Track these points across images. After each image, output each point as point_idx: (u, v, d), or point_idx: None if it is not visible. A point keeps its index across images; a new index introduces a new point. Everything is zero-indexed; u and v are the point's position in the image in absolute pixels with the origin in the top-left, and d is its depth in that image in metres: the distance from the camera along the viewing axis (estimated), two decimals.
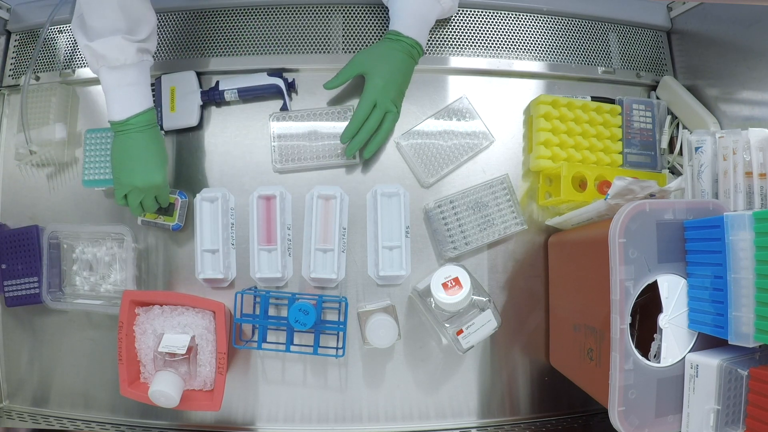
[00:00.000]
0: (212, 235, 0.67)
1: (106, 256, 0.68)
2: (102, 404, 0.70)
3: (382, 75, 0.64)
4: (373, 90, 0.64)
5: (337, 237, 0.67)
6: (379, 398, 0.69)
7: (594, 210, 0.59)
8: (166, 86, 0.69)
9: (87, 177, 0.68)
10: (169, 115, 0.68)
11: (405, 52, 0.64)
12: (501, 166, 0.71)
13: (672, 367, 0.48)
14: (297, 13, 0.72)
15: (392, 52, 0.64)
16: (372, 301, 0.68)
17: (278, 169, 0.69)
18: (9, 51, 0.75)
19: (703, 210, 0.49)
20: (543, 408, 0.71)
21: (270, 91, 0.69)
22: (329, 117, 0.71)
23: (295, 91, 0.71)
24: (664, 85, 0.73)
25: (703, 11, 0.71)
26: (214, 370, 0.63)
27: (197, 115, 0.68)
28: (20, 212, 0.72)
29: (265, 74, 0.69)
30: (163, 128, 0.68)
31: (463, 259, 0.69)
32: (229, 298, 0.67)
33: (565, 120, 0.68)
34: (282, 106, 0.69)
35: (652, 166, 0.71)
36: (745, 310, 0.43)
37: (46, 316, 0.70)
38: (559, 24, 0.75)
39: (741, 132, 0.53)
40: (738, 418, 0.44)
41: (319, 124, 0.70)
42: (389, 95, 0.65)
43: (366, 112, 0.64)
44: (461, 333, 0.57)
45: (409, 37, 0.64)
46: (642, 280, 0.48)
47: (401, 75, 0.65)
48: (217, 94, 0.68)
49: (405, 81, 0.67)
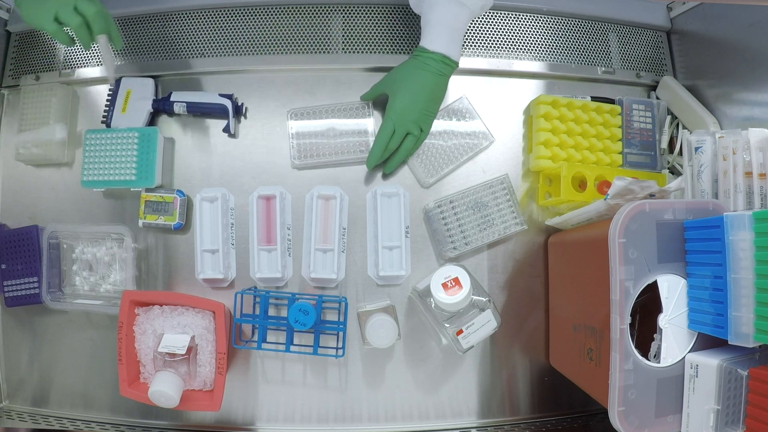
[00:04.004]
0: (212, 235, 0.67)
1: (106, 256, 0.68)
2: (102, 404, 0.70)
3: (402, 97, 0.63)
4: (392, 114, 0.64)
5: (337, 237, 0.67)
6: (379, 398, 0.69)
7: (594, 210, 0.59)
8: (124, 88, 0.70)
9: (86, 177, 0.68)
10: (119, 115, 0.69)
11: (431, 71, 0.63)
12: (501, 166, 0.71)
13: (672, 367, 0.48)
14: (297, 13, 0.72)
15: (416, 71, 0.63)
16: (372, 301, 0.68)
17: (297, 165, 0.70)
18: (9, 51, 0.75)
19: (703, 210, 0.49)
20: (543, 408, 0.71)
21: (217, 110, 0.69)
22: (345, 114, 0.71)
23: (244, 116, 0.71)
24: (664, 85, 0.73)
25: (703, 11, 0.70)
26: (214, 370, 0.63)
27: (144, 120, 0.69)
28: (20, 212, 0.72)
29: (216, 93, 0.69)
30: (110, 126, 0.69)
31: (463, 259, 0.69)
32: (229, 298, 0.67)
33: (565, 120, 0.68)
34: (224, 127, 0.69)
35: (652, 166, 0.71)
36: (745, 310, 0.43)
37: (46, 316, 0.70)
38: (559, 24, 0.75)
39: (741, 132, 0.53)
40: (738, 418, 0.44)
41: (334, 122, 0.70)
42: (409, 117, 0.64)
43: (386, 136, 0.65)
44: (461, 333, 0.57)
45: (435, 52, 0.62)
46: (642, 280, 0.48)
47: (426, 94, 0.64)
48: (167, 104, 0.69)
49: (432, 100, 0.65)
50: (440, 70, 0.63)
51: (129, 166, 0.67)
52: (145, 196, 0.68)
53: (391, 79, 0.65)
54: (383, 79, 0.67)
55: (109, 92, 0.70)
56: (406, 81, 0.63)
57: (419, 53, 0.63)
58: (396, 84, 0.64)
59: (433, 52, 0.63)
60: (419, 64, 0.63)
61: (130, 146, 0.67)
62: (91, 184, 0.68)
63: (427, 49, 0.63)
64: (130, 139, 0.67)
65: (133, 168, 0.67)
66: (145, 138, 0.67)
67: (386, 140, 0.65)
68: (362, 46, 0.72)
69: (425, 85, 0.63)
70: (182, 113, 0.70)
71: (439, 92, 0.66)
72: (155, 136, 0.67)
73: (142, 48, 0.73)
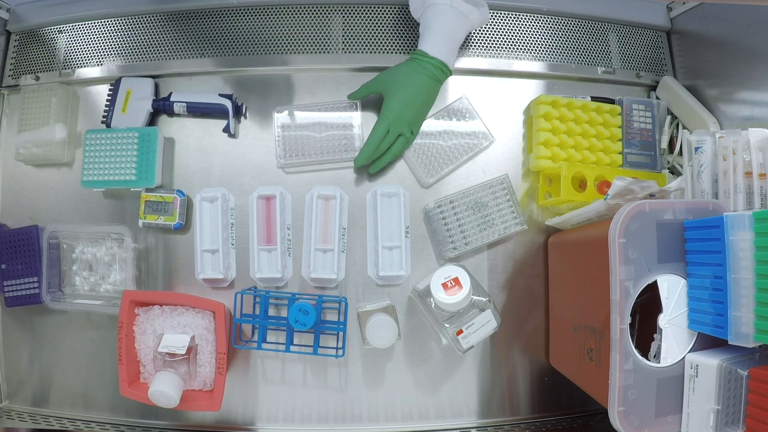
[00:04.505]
0: (212, 235, 0.67)
1: (106, 256, 0.68)
2: (102, 404, 0.70)
3: (399, 98, 0.63)
4: (388, 113, 0.64)
5: (337, 237, 0.67)
6: (379, 398, 0.69)
7: (594, 210, 0.59)
8: (124, 88, 0.70)
9: (86, 177, 0.68)
10: (119, 115, 0.69)
11: (428, 75, 0.63)
12: (501, 166, 0.71)
13: (672, 367, 0.48)
14: (297, 13, 0.72)
15: (414, 74, 0.63)
16: (372, 301, 0.68)
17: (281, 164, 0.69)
18: (9, 51, 0.75)
19: (702, 210, 0.49)
20: (543, 408, 0.71)
21: (217, 110, 0.69)
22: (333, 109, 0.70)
23: (244, 116, 0.71)
24: (664, 85, 0.73)
25: (703, 11, 0.70)
26: (213, 370, 0.63)
27: (144, 120, 0.69)
28: (20, 212, 0.71)
29: (216, 93, 0.69)
30: (110, 126, 0.69)
31: (463, 259, 0.69)
32: (228, 298, 0.67)
33: (565, 120, 0.68)
34: (225, 127, 0.69)
35: (652, 166, 0.71)
36: (745, 310, 0.43)
37: (46, 316, 0.70)
38: (559, 24, 0.75)
39: (741, 132, 0.53)
40: (738, 418, 0.44)
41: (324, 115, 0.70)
42: (404, 119, 0.64)
43: (380, 135, 0.64)
44: (461, 333, 0.56)
45: (434, 58, 0.63)
46: (642, 280, 0.48)
47: (421, 98, 0.64)
48: (167, 104, 0.69)
49: (425, 104, 0.66)
50: (437, 75, 0.64)
51: (129, 166, 0.67)
52: (145, 196, 0.68)
53: (388, 78, 0.65)
54: (377, 78, 0.66)
55: (109, 92, 0.70)
56: (404, 82, 0.63)
57: (418, 57, 0.64)
58: (394, 84, 0.64)
59: (432, 57, 0.63)
60: (418, 67, 0.63)
61: (130, 146, 0.67)
62: (91, 184, 0.68)
63: (426, 53, 0.63)
64: (130, 139, 0.67)
65: (133, 168, 0.67)
66: (145, 138, 0.67)
67: (379, 140, 0.65)
68: (362, 46, 0.72)
69: (422, 88, 0.64)
70: (182, 113, 0.70)
71: (432, 97, 0.67)
72: (155, 136, 0.67)
73: (142, 48, 0.73)
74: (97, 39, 0.73)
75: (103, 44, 0.73)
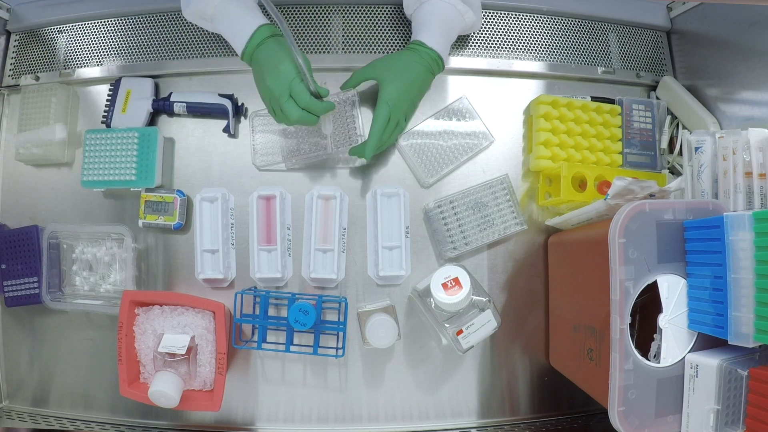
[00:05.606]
0: (212, 235, 0.67)
1: (106, 256, 0.68)
2: (102, 404, 0.70)
3: (398, 85, 0.62)
4: (389, 100, 0.62)
5: (337, 237, 0.67)
6: (379, 398, 0.69)
7: (594, 210, 0.59)
8: (124, 88, 0.70)
9: (86, 177, 0.68)
10: (119, 115, 0.69)
11: (424, 65, 0.63)
12: (501, 166, 0.71)
13: (672, 367, 0.48)
14: (297, 12, 0.72)
15: (412, 63, 0.63)
16: (372, 301, 0.68)
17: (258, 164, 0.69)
18: (9, 51, 0.75)
19: (702, 210, 0.49)
20: (543, 408, 0.71)
21: (217, 110, 0.69)
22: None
23: (243, 115, 0.71)
24: (664, 85, 0.73)
25: (703, 11, 0.70)
26: (213, 370, 0.63)
27: (144, 120, 0.69)
28: (20, 212, 0.72)
29: (216, 93, 0.69)
30: (110, 126, 0.69)
31: (463, 259, 0.69)
32: (228, 298, 0.67)
33: (565, 120, 0.68)
34: (225, 127, 0.69)
35: (652, 166, 0.71)
36: (744, 310, 0.43)
37: (46, 316, 0.70)
38: (558, 24, 0.75)
39: (741, 132, 0.53)
40: (738, 418, 0.44)
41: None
42: (402, 106, 0.63)
43: (384, 122, 0.62)
44: (461, 333, 0.56)
45: (432, 49, 0.63)
46: (642, 280, 0.48)
47: (417, 88, 0.64)
48: (167, 104, 0.69)
49: (419, 94, 0.65)
50: (432, 68, 0.64)
51: (129, 166, 0.67)
52: (145, 196, 0.68)
53: (385, 66, 0.63)
54: (371, 64, 0.65)
55: (109, 92, 0.70)
56: (402, 70, 0.62)
57: (417, 47, 0.63)
58: (392, 72, 0.63)
59: (431, 48, 0.63)
60: (416, 57, 0.63)
61: (130, 146, 0.67)
62: (91, 184, 0.68)
63: (425, 44, 0.63)
64: (130, 139, 0.67)
65: (133, 168, 0.67)
66: (145, 138, 0.67)
67: (384, 127, 0.62)
68: (362, 46, 0.72)
69: (418, 78, 0.63)
70: (182, 113, 0.70)
71: (425, 89, 0.66)
72: (155, 136, 0.67)
73: (142, 48, 0.73)
74: (97, 39, 0.74)
75: (103, 44, 0.73)
